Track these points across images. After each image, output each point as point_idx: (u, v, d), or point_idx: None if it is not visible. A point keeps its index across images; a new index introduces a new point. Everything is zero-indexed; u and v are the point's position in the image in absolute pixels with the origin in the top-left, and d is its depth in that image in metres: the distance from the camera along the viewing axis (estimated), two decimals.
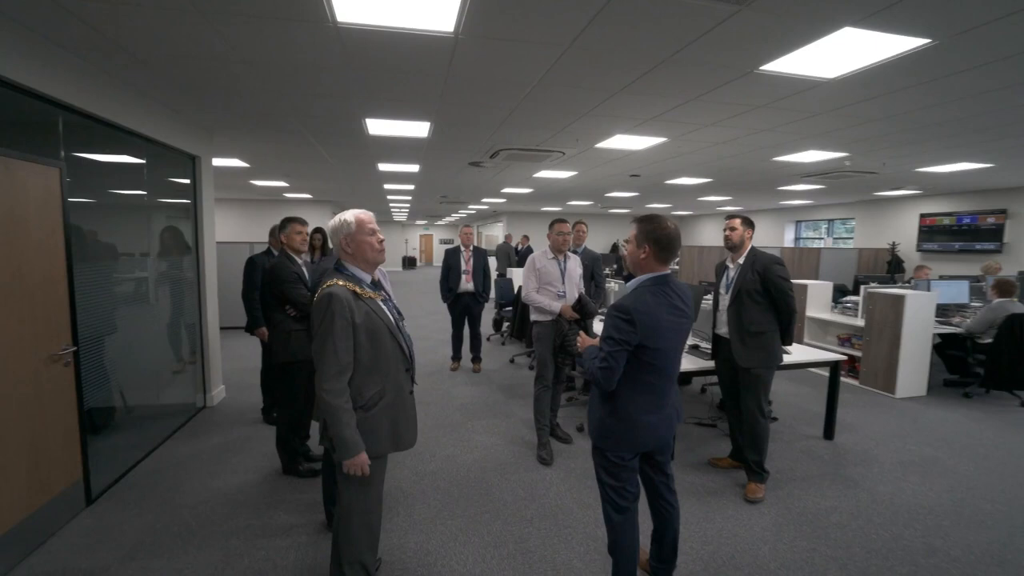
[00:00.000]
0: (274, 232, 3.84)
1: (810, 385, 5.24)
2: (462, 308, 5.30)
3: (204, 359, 4.33)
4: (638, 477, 2.01)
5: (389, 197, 11.37)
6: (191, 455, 3.47)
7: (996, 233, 8.22)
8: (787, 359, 3.32)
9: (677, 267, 10.93)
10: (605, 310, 3.42)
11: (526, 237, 11.29)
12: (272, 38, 2.43)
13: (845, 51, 2.54)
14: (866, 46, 2.48)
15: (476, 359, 5.66)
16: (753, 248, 3.10)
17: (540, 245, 3.76)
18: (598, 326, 4.37)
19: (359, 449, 1.68)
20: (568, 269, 3.52)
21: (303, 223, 3.11)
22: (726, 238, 3.14)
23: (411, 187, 9.23)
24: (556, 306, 3.39)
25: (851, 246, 10.55)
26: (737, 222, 3.09)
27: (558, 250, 3.51)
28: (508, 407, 4.48)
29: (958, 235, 8.77)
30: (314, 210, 11.32)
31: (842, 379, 3.81)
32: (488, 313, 6.84)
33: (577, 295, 3.50)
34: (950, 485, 3.18)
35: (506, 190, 9.35)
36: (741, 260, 3.09)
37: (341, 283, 1.69)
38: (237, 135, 4.60)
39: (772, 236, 13.35)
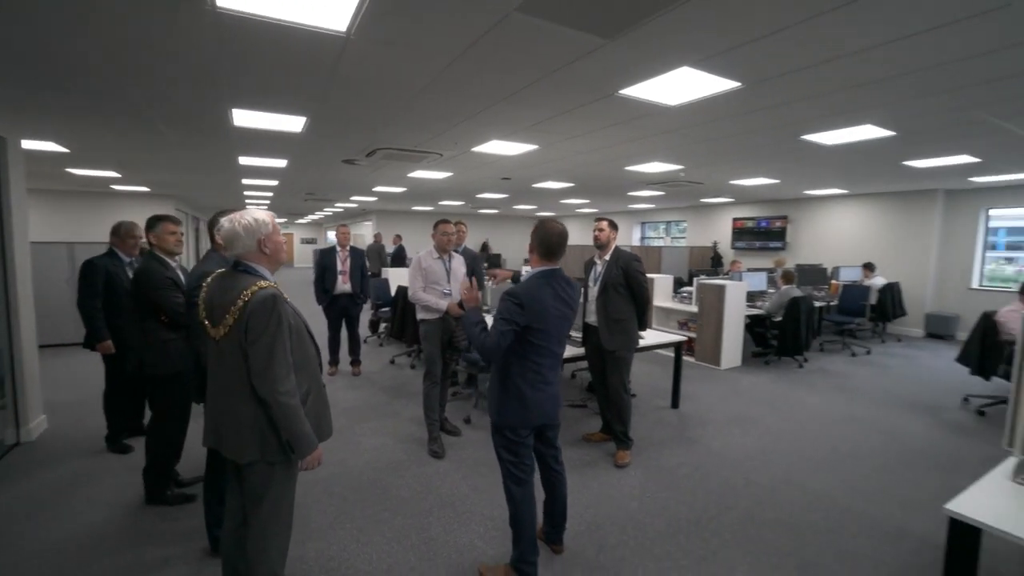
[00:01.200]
0: (119, 231, 3.33)
1: (659, 364, 6.12)
2: (339, 310, 5.11)
3: (15, 386, 3.56)
4: (533, 452, 2.25)
5: (246, 193, 10.29)
6: (14, 499, 2.87)
7: (782, 234, 10.38)
8: (642, 342, 3.89)
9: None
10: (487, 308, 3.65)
11: (398, 236, 11.11)
12: (134, 14, 2.15)
13: (683, 85, 3.09)
14: (698, 83, 3.04)
15: (355, 362, 5.49)
16: (617, 247, 3.57)
17: (413, 244, 3.83)
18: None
19: (316, 442, 1.73)
20: (453, 268, 3.66)
21: (176, 222, 2.78)
22: (595, 238, 3.56)
23: (274, 183, 8.49)
24: (443, 304, 3.51)
25: (684, 244, 12.37)
26: (605, 224, 3.54)
27: (443, 250, 3.63)
28: (394, 407, 4.48)
29: (759, 235, 10.86)
30: (151, 205, 9.72)
31: (683, 357, 4.60)
32: (363, 314, 6.66)
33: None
34: (759, 433, 4.03)
35: (378, 188, 9.12)
36: (607, 257, 3.53)
37: (265, 284, 1.65)
38: (57, 114, 3.83)
39: (622, 236, 15.03)
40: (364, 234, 17.44)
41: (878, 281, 7.87)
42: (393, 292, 5.98)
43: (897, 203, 8.70)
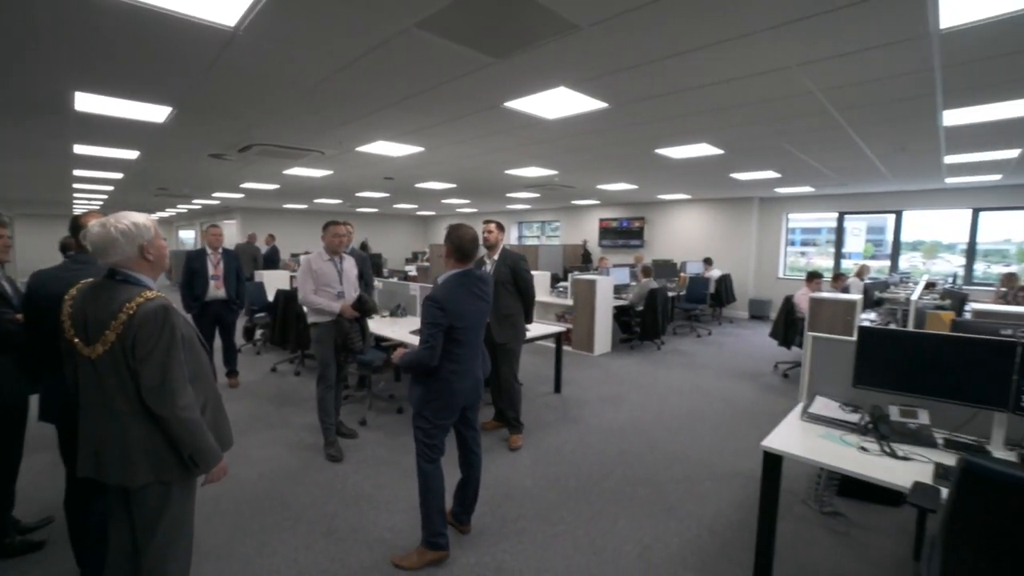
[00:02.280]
0: None
1: (540, 354, 6.61)
2: (212, 318, 4.67)
3: None
4: (445, 438, 2.43)
5: (76, 186, 8.67)
6: None
7: (640, 233, 11.75)
8: (528, 335, 4.24)
9: (427, 264, 11.73)
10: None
11: (271, 236, 10.26)
12: None
13: (561, 102, 3.47)
14: (573, 101, 3.44)
15: (232, 373, 5.08)
16: (504, 247, 3.85)
17: (287, 245, 3.66)
18: (376, 324, 4.59)
19: (221, 454, 1.67)
20: (345, 269, 3.63)
21: (3, 224, 2.36)
22: (485, 239, 3.78)
23: (118, 176, 7.31)
24: (336, 306, 3.48)
25: (558, 243, 13.30)
26: (493, 226, 3.80)
27: (334, 251, 3.58)
28: (282, 416, 4.27)
29: (621, 234, 12.14)
30: None
31: (563, 347, 5.11)
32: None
33: (356, 294, 3.66)
34: (628, 408, 4.65)
35: (248, 185, 8.38)
36: (496, 257, 3.80)
37: (152, 294, 1.55)
38: None
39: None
40: (228, 233, 15.68)
41: (715, 273, 9.37)
42: (272, 296, 5.60)
43: (726, 208, 10.40)
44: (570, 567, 2.39)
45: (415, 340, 3.92)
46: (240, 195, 10.16)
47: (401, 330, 4.56)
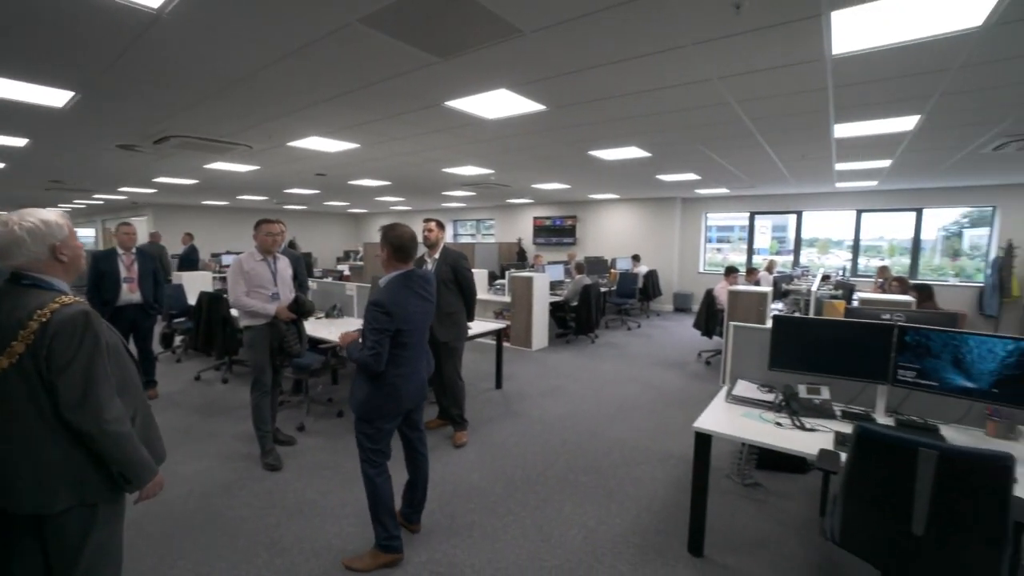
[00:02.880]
0: None
1: (480, 351, 6.65)
2: (127, 324, 4.25)
3: None
4: (390, 441, 2.41)
5: None
6: None
7: (572, 231, 12.14)
8: (470, 332, 4.29)
9: (362, 263, 11.39)
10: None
11: (189, 235, 9.44)
12: None
13: (501, 103, 3.54)
14: (513, 103, 3.53)
15: (151, 383, 4.67)
16: (445, 245, 3.87)
17: (207, 244, 3.41)
18: (311, 325, 4.42)
19: (156, 467, 1.56)
20: (279, 270, 3.48)
21: None
22: (425, 238, 3.77)
23: None
24: (271, 308, 3.33)
25: (493, 241, 13.41)
26: (433, 225, 3.79)
27: (267, 251, 3.42)
28: (210, 427, 4.00)
29: (555, 232, 12.47)
30: None
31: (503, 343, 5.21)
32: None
33: (292, 295, 3.52)
34: (567, 400, 4.83)
35: (162, 180, 7.67)
36: (437, 255, 3.80)
37: (68, 299, 1.41)
38: None
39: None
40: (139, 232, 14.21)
41: (643, 269, 9.90)
42: (194, 299, 5.20)
43: (652, 207, 11.01)
44: (520, 556, 2.47)
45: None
46: (152, 190, 9.29)
47: (339, 331, 4.43)
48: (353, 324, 4.80)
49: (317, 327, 4.58)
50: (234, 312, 4.74)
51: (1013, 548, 1.52)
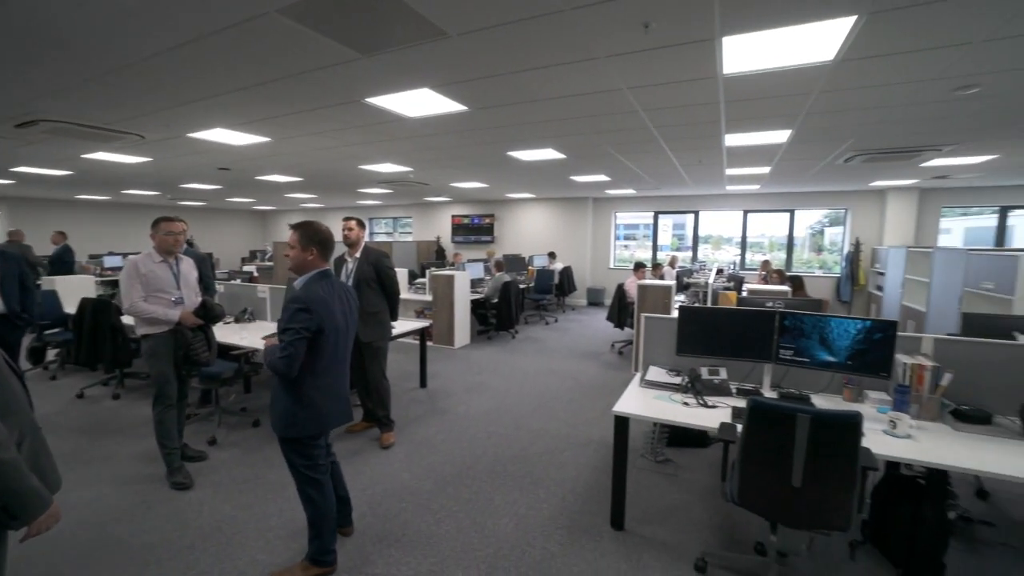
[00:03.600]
0: None
1: (402, 352, 6.57)
2: None
3: None
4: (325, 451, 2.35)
5: None
6: None
7: (490, 229, 12.30)
8: (393, 332, 4.25)
9: (271, 263, 10.65)
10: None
11: (61, 234, 8.18)
12: None
13: (423, 102, 3.55)
14: (435, 102, 3.55)
15: None
16: (366, 244, 3.80)
17: (84, 244, 3.01)
18: (220, 331, 4.11)
19: (50, 496, 1.41)
20: (182, 272, 3.22)
21: None
22: (345, 237, 3.69)
23: None
24: (174, 314, 3.08)
25: (411, 239, 13.19)
26: (354, 223, 3.71)
27: (168, 252, 3.15)
28: (102, 449, 3.59)
29: (473, 231, 12.55)
30: None
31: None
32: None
33: (199, 299, 3.27)
34: (492, 395, 4.96)
35: (23, 169, 6.59)
36: (358, 255, 3.73)
37: None
38: None
39: None
40: None
41: (558, 266, 10.31)
42: (70, 307, 4.57)
43: (566, 206, 11.48)
44: (456, 549, 2.54)
45: (260, 344, 3.63)
46: (9, 181, 7.95)
47: (251, 336, 4.18)
48: (267, 328, 4.54)
49: (227, 333, 4.28)
50: (127, 320, 4.27)
51: (860, 488, 1.87)
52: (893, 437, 2.22)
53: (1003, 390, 2.43)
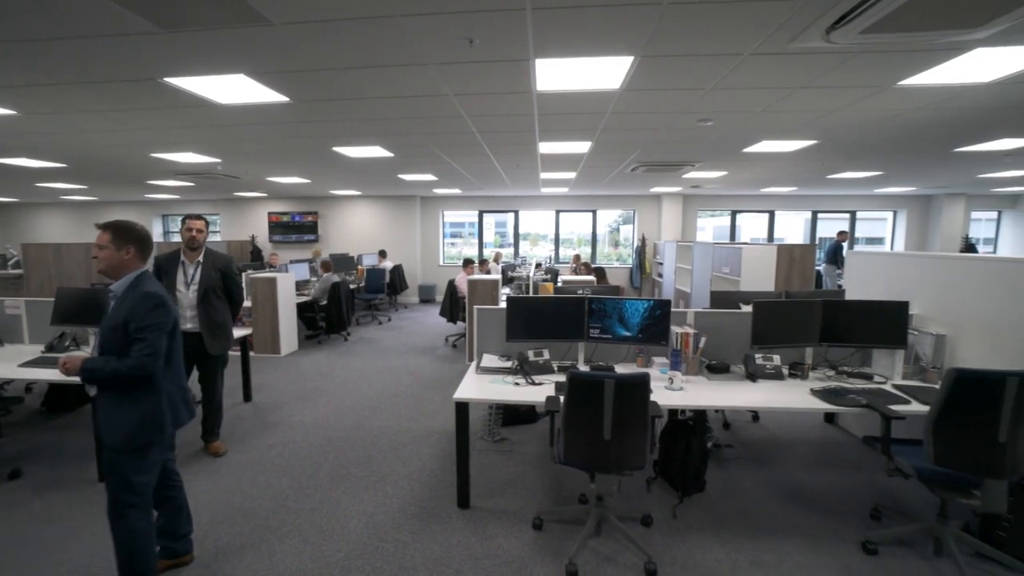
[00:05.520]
0: None
1: None
2: None
3: None
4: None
5: None
6: None
7: (314, 228, 11.49)
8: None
9: (18, 271, 8.17)
10: None
11: None
12: None
13: (238, 89, 3.24)
14: (252, 90, 3.26)
15: None
16: (207, 248, 3.39)
17: None
18: None
19: None
20: None
21: None
22: (192, 239, 3.28)
23: None
24: None
25: (219, 239, 11.52)
26: (202, 224, 3.32)
27: None
28: None
29: (294, 229, 11.56)
30: None
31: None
32: None
33: None
34: (327, 400, 4.75)
35: None
36: (200, 258, 3.32)
37: None
38: None
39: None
40: None
41: (389, 264, 10.16)
42: None
43: (395, 204, 11.35)
44: (304, 560, 2.44)
45: (19, 373, 3.04)
46: None
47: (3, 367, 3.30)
48: (24, 352, 3.60)
49: None
50: None
51: (651, 433, 2.41)
52: (671, 391, 2.86)
53: (736, 346, 3.31)
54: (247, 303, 6.45)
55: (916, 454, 2.40)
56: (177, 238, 12.59)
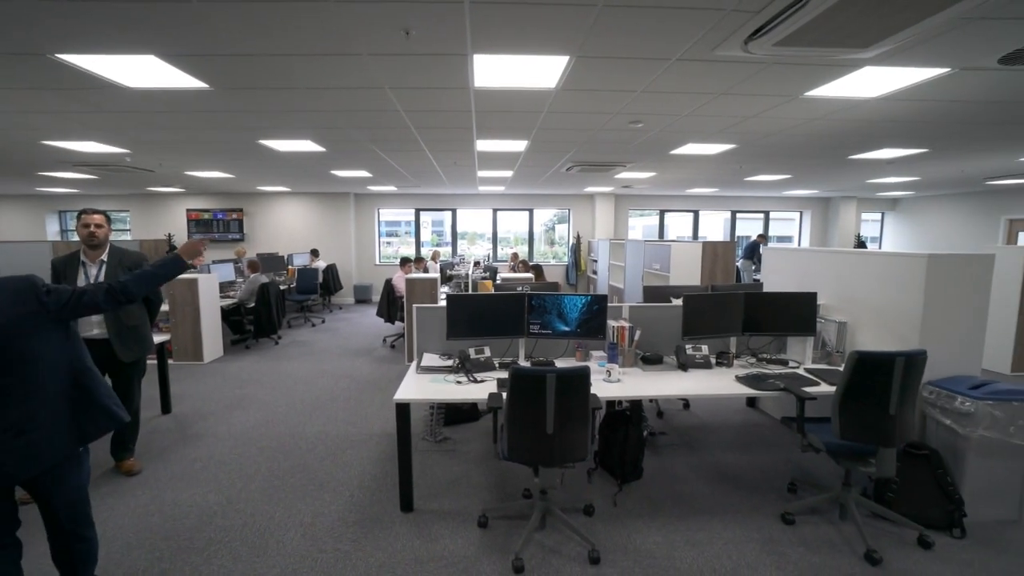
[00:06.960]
0: None
1: None
2: None
3: None
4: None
5: None
6: None
7: (240, 226, 10.77)
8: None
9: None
10: None
11: None
12: None
13: (148, 72, 2.96)
14: (165, 74, 2.99)
15: None
16: (111, 244, 3.10)
17: None
18: None
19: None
20: None
21: None
22: (90, 235, 2.98)
23: None
24: None
25: (130, 238, 10.51)
26: (100, 218, 3.02)
27: None
28: None
29: (216, 227, 10.76)
30: None
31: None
32: None
33: None
34: (258, 407, 4.48)
35: None
36: (104, 257, 3.04)
37: None
38: None
39: (31, 229, 10.97)
40: None
41: (321, 264, 9.73)
42: None
43: (328, 201, 10.89)
44: None
45: None
46: None
47: None
48: None
49: None
50: None
51: (591, 425, 2.48)
52: (609, 383, 2.96)
53: (667, 338, 3.49)
54: (164, 307, 5.95)
55: (824, 431, 2.65)
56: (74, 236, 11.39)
